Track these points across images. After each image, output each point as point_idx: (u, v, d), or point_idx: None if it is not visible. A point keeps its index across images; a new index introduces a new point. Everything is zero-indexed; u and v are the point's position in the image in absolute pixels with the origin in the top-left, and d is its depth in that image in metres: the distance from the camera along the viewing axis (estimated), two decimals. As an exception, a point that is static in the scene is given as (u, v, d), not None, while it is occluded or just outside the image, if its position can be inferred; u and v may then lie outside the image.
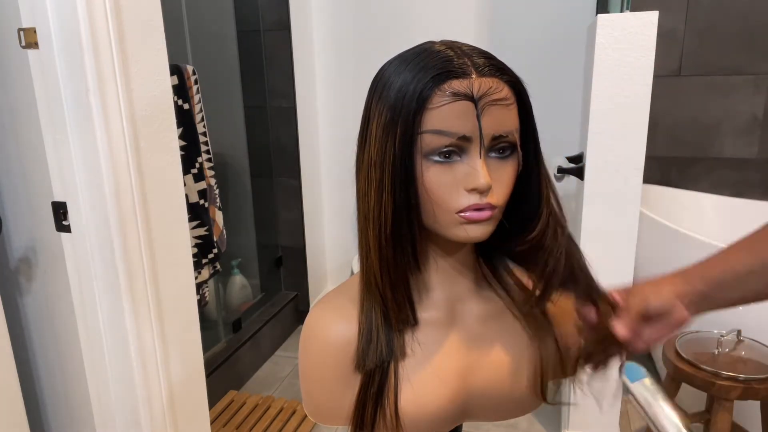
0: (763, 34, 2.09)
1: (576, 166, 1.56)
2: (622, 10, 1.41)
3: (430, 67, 0.53)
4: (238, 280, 2.50)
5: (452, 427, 0.68)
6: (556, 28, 2.16)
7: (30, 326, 1.33)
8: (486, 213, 0.55)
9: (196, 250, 1.84)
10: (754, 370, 1.36)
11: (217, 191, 1.96)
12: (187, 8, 1.98)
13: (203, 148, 1.85)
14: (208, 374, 1.53)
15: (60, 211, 1.14)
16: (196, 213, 1.83)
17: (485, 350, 0.66)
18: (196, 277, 1.72)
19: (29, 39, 1.04)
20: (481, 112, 0.53)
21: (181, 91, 1.73)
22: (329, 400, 0.65)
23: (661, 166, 2.29)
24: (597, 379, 0.68)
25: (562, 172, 1.56)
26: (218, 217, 1.96)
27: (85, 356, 1.24)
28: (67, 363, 1.32)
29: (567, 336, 0.70)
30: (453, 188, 0.55)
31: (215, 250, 1.93)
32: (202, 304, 1.91)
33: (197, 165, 1.82)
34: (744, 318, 1.56)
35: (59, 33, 1.01)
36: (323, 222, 2.73)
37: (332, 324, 0.64)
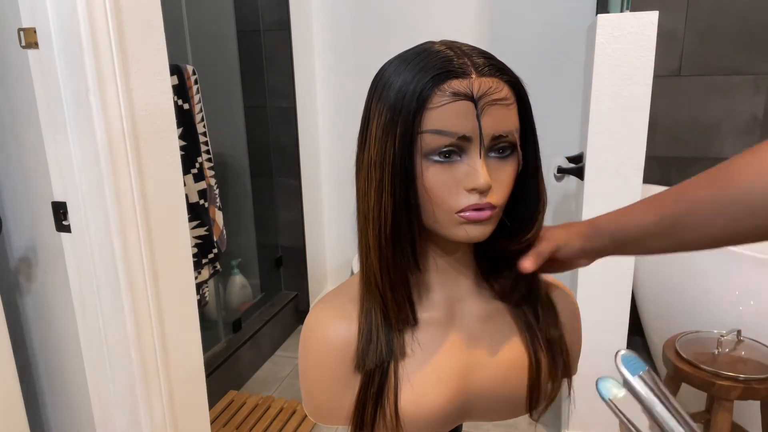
0: (763, 34, 2.09)
1: (576, 166, 1.56)
2: (622, 10, 1.41)
3: (430, 67, 0.53)
4: (238, 280, 2.50)
5: (452, 427, 0.68)
6: (556, 28, 2.16)
7: (30, 326, 1.33)
8: (486, 213, 0.55)
9: (196, 250, 1.84)
10: (754, 370, 1.36)
11: (217, 191, 1.96)
12: (187, 8, 1.98)
13: (203, 148, 1.85)
14: (208, 374, 1.53)
15: (60, 211, 1.14)
16: (196, 213, 1.83)
17: (485, 350, 0.66)
18: (196, 277, 1.72)
19: (29, 39, 1.04)
20: (481, 112, 0.53)
21: (181, 91, 1.73)
22: (329, 400, 0.65)
23: (661, 166, 2.29)
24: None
25: (562, 172, 1.56)
26: (218, 217, 1.96)
27: (85, 356, 1.24)
28: (67, 363, 1.32)
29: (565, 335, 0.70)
30: (453, 188, 0.55)
31: (215, 250, 1.93)
32: (202, 304, 1.91)
33: (197, 165, 1.82)
34: (744, 318, 1.56)
35: (59, 33, 1.01)
36: (323, 222, 2.73)
37: (332, 324, 0.64)
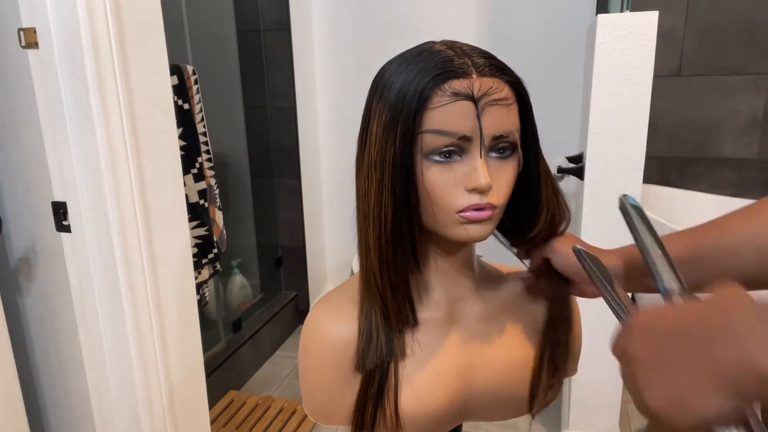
0: (763, 34, 2.09)
1: (576, 166, 1.56)
2: (622, 10, 1.40)
3: (431, 67, 0.53)
4: (238, 280, 2.50)
5: (452, 427, 0.68)
6: (556, 28, 2.16)
7: (30, 326, 1.33)
8: (486, 213, 0.55)
9: (196, 250, 1.84)
10: (754, 370, 1.35)
11: (217, 191, 1.96)
12: (187, 8, 1.98)
13: (203, 148, 1.85)
14: (208, 374, 1.53)
15: (60, 211, 1.14)
16: (196, 213, 1.83)
17: (485, 350, 0.66)
18: (196, 277, 1.72)
19: (29, 39, 1.04)
20: (481, 112, 0.53)
21: (181, 91, 1.73)
22: (329, 400, 0.65)
23: (661, 166, 2.29)
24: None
25: (562, 172, 1.56)
26: (218, 217, 1.96)
27: (85, 356, 1.24)
28: (67, 363, 1.31)
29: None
30: (453, 188, 0.55)
31: (215, 250, 1.93)
32: (202, 304, 1.91)
33: (197, 165, 1.82)
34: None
35: (59, 33, 1.01)
36: (323, 222, 2.73)
37: (332, 324, 0.64)
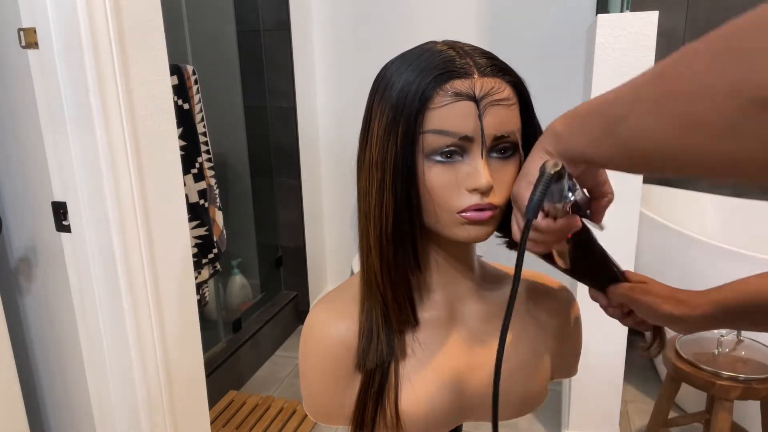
0: (763, 34, 2.09)
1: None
2: (622, 10, 1.40)
3: (432, 67, 0.53)
4: (238, 280, 2.50)
5: (452, 427, 0.68)
6: (556, 28, 2.16)
7: (30, 326, 1.33)
8: (487, 213, 0.55)
9: (196, 250, 1.84)
10: (754, 370, 1.36)
11: (217, 191, 1.95)
12: (187, 8, 1.98)
13: (203, 148, 1.85)
14: (208, 374, 1.53)
15: (60, 211, 1.14)
16: (196, 213, 1.83)
17: (486, 350, 0.66)
18: (196, 277, 1.72)
19: (29, 39, 1.04)
20: (482, 112, 0.53)
21: (181, 91, 1.73)
22: (329, 400, 0.65)
23: (661, 166, 2.29)
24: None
25: (562, 171, 1.56)
26: (218, 217, 1.96)
27: (85, 356, 1.24)
28: (67, 363, 1.31)
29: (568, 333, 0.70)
30: (454, 188, 0.54)
31: (215, 250, 1.93)
32: (202, 304, 1.91)
33: (197, 165, 1.82)
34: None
35: (59, 33, 1.01)
36: (323, 222, 2.73)
37: (333, 324, 0.64)
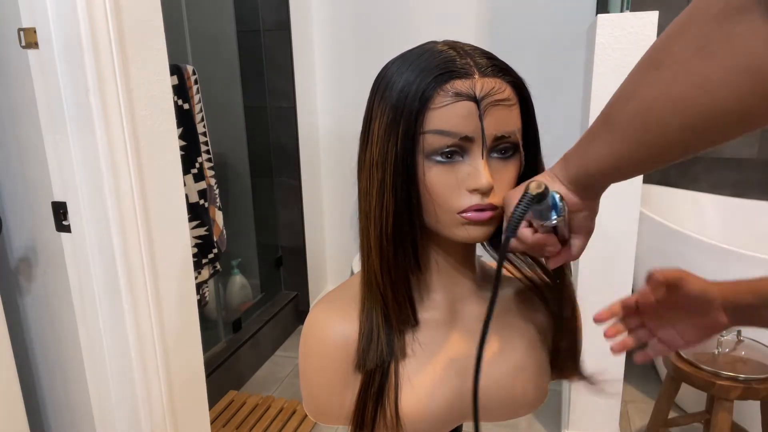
0: (763, 34, 2.08)
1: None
2: (622, 10, 1.40)
3: (433, 67, 0.53)
4: (238, 280, 2.50)
5: (452, 427, 0.68)
6: (556, 28, 2.16)
7: (30, 326, 1.33)
8: (487, 214, 0.55)
9: (196, 250, 1.84)
10: (754, 370, 1.36)
11: (217, 191, 1.95)
12: (187, 8, 1.98)
13: (203, 148, 1.85)
14: (208, 374, 1.53)
15: (60, 211, 1.14)
16: (196, 213, 1.83)
17: (486, 351, 0.66)
18: (196, 277, 1.72)
19: (29, 39, 1.04)
20: (483, 112, 0.53)
21: (181, 91, 1.73)
22: (329, 400, 0.65)
23: (660, 166, 2.29)
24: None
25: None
26: (218, 217, 1.96)
27: (85, 356, 1.24)
28: (67, 363, 1.31)
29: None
30: (454, 188, 0.54)
31: (215, 250, 1.93)
32: (202, 304, 1.91)
33: (197, 165, 1.82)
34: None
35: (59, 33, 1.00)
36: (323, 222, 2.73)
37: (333, 324, 0.64)
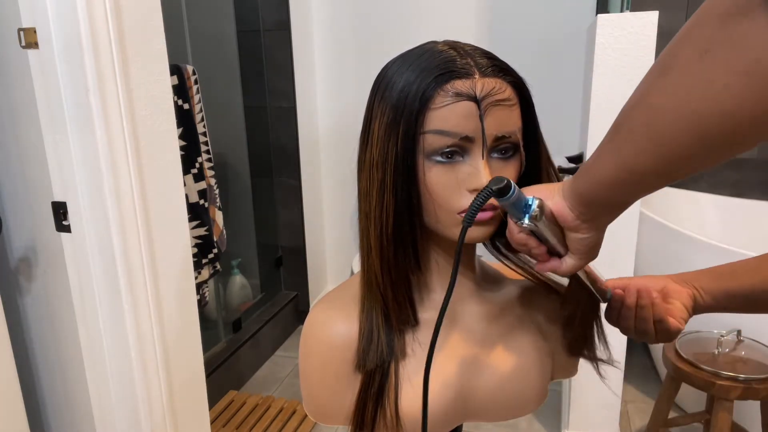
0: (763, 34, 2.08)
1: (576, 166, 1.56)
2: (622, 10, 1.41)
3: (433, 67, 0.53)
4: (238, 280, 2.50)
5: (453, 427, 0.68)
6: (556, 28, 2.16)
7: (30, 326, 1.32)
8: (488, 214, 0.55)
9: (196, 250, 1.84)
10: (754, 370, 1.36)
11: (217, 191, 1.95)
12: (187, 8, 1.98)
13: (203, 148, 1.85)
14: (208, 374, 1.53)
15: (60, 211, 1.14)
16: (196, 213, 1.83)
17: (486, 351, 0.66)
18: (196, 277, 1.72)
19: (29, 39, 1.04)
20: (483, 112, 0.53)
21: (181, 91, 1.73)
22: (329, 400, 0.65)
23: (660, 166, 2.28)
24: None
25: (562, 172, 1.55)
26: (218, 217, 1.96)
27: (85, 356, 1.24)
28: (67, 363, 1.31)
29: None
30: (455, 189, 0.54)
31: (215, 250, 1.93)
32: (202, 304, 1.91)
33: (197, 165, 1.82)
34: (744, 318, 1.56)
35: (59, 33, 1.00)
36: (323, 222, 2.73)
37: (333, 324, 0.64)
